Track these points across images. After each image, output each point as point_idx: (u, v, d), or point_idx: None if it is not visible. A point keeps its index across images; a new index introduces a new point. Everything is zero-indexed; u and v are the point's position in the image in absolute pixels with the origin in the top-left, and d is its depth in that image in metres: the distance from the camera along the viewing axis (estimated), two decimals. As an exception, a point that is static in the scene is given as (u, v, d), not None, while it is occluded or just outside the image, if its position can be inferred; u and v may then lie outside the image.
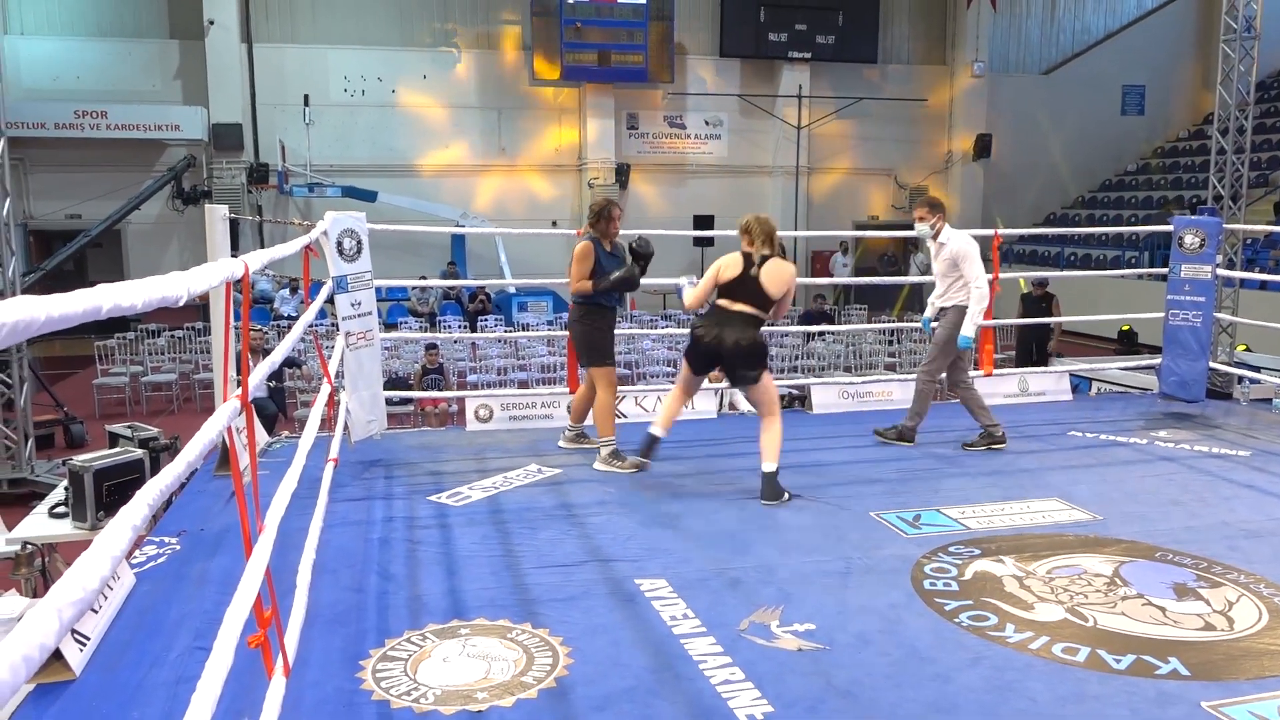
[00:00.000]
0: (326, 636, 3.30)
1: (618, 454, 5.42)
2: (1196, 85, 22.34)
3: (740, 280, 4.88)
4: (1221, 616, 3.55)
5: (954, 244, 5.84)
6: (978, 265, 5.76)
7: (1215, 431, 6.40)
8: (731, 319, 4.84)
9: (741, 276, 4.88)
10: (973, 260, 5.75)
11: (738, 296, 4.87)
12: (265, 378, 3.17)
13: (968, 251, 5.77)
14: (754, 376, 4.90)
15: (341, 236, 5.48)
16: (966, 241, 5.85)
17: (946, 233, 5.92)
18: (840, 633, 3.38)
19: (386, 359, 10.74)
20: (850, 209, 20.87)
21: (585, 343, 5.62)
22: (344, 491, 4.91)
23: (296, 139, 18.41)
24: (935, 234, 5.92)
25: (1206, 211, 7.87)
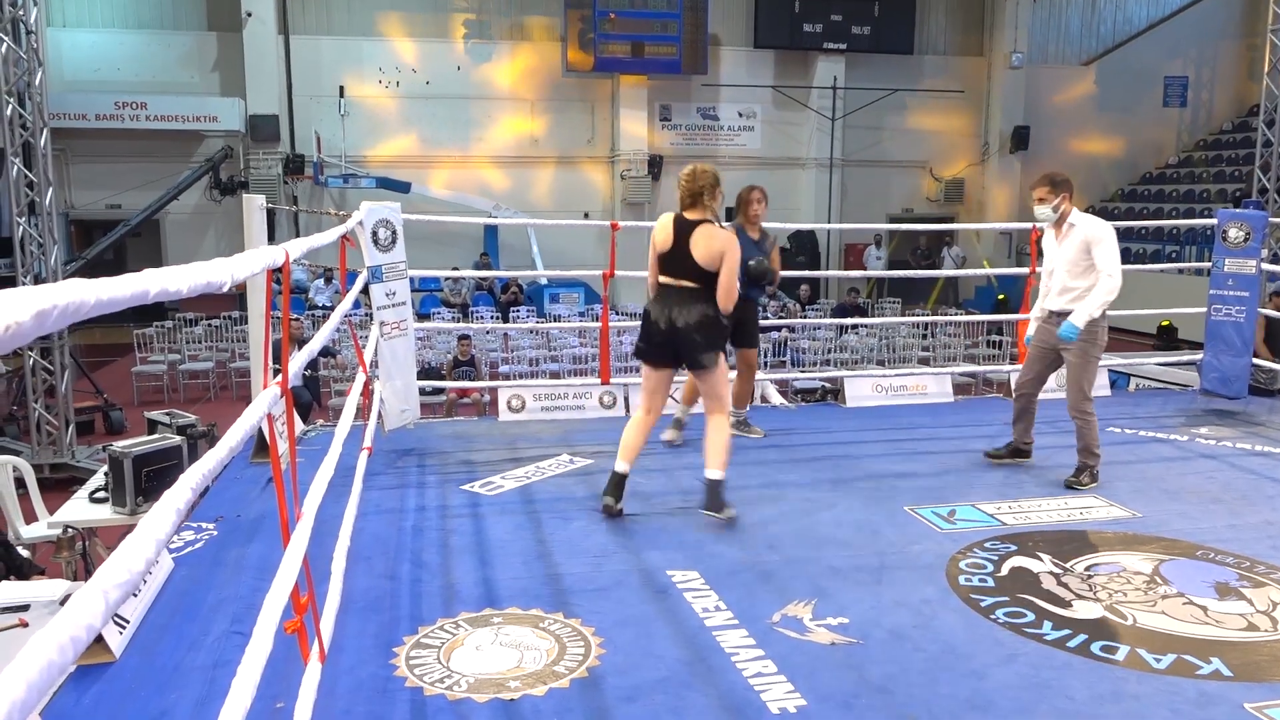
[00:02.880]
0: (361, 623, 3.33)
1: (744, 423, 5.86)
2: (1242, 76, 21.89)
3: (673, 251, 4.34)
4: (1265, 617, 3.48)
5: (1087, 226, 4.94)
6: (1114, 253, 4.89)
7: (1258, 429, 6.27)
8: (677, 296, 4.34)
9: (674, 247, 4.34)
10: (1108, 247, 4.88)
11: (672, 271, 4.35)
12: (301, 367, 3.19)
13: (1105, 235, 4.89)
14: (706, 361, 4.36)
15: (377, 226, 5.51)
16: (1103, 224, 4.97)
17: (1076, 215, 5.02)
18: (874, 627, 3.35)
19: (419, 349, 10.80)
20: (884, 201, 20.68)
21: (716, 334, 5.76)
22: (378, 480, 4.94)
23: (332, 130, 18.54)
24: (1061, 218, 5.01)
25: (1252, 205, 7.72)
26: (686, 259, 4.30)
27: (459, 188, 18.85)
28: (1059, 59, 21.62)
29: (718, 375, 4.40)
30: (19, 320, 0.91)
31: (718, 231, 4.34)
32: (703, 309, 4.31)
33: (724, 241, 4.29)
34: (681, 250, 4.31)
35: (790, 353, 11.52)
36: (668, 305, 4.36)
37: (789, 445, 5.87)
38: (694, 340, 4.32)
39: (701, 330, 4.31)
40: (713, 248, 4.27)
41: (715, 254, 4.27)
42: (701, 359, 4.35)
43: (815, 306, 15.89)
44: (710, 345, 4.36)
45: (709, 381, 4.42)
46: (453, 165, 19.24)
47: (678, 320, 4.32)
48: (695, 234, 4.29)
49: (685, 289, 4.33)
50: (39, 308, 0.95)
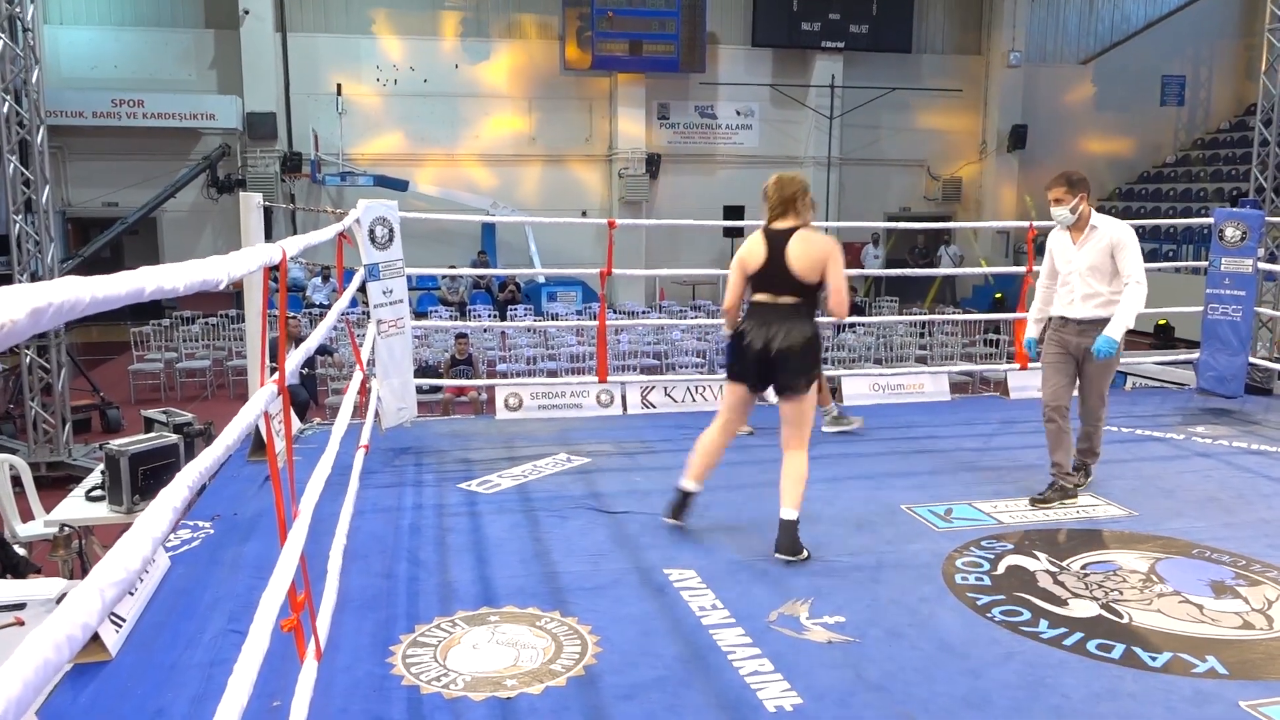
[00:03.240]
0: (357, 621, 3.33)
1: (842, 416, 6.04)
2: (1239, 75, 21.91)
3: (768, 266, 4.00)
4: (1261, 615, 3.49)
5: (1110, 229, 4.65)
6: (1138, 257, 4.60)
7: (1254, 428, 6.29)
8: (776, 315, 4.00)
9: (769, 261, 4.00)
10: (1132, 251, 4.59)
11: (769, 288, 4.03)
12: (299, 365, 3.19)
13: (1129, 239, 4.61)
14: (803, 385, 4.01)
15: (374, 224, 5.51)
16: (1125, 228, 4.69)
17: (1097, 217, 4.74)
18: (871, 626, 3.35)
19: (416, 347, 10.80)
20: (882, 200, 20.68)
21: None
22: (375, 478, 4.94)
23: (329, 128, 18.53)
24: (1080, 219, 4.74)
25: (1248, 204, 7.73)
26: (784, 272, 3.96)
27: (456, 186, 18.84)
28: (1057, 58, 21.63)
29: (808, 403, 4.05)
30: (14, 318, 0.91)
31: (816, 236, 4.01)
32: (805, 329, 3.98)
33: (825, 246, 3.98)
34: (777, 264, 3.97)
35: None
36: (766, 325, 4.00)
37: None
38: (793, 364, 3.97)
39: (803, 354, 3.98)
40: (813, 255, 3.95)
41: (817, 261, 3.94)
42: (799, 384, 4.00)
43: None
44: (809, 369, 4.02)
45: (799, 408, 4.03)
46: (450, 163, 19.23)
47: (777, 342, 3.96)
48: (792, 243, 3.96)
49: (785, 306, 3.99)
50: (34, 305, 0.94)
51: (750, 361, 4.06)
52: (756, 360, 4.03)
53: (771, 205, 4.08)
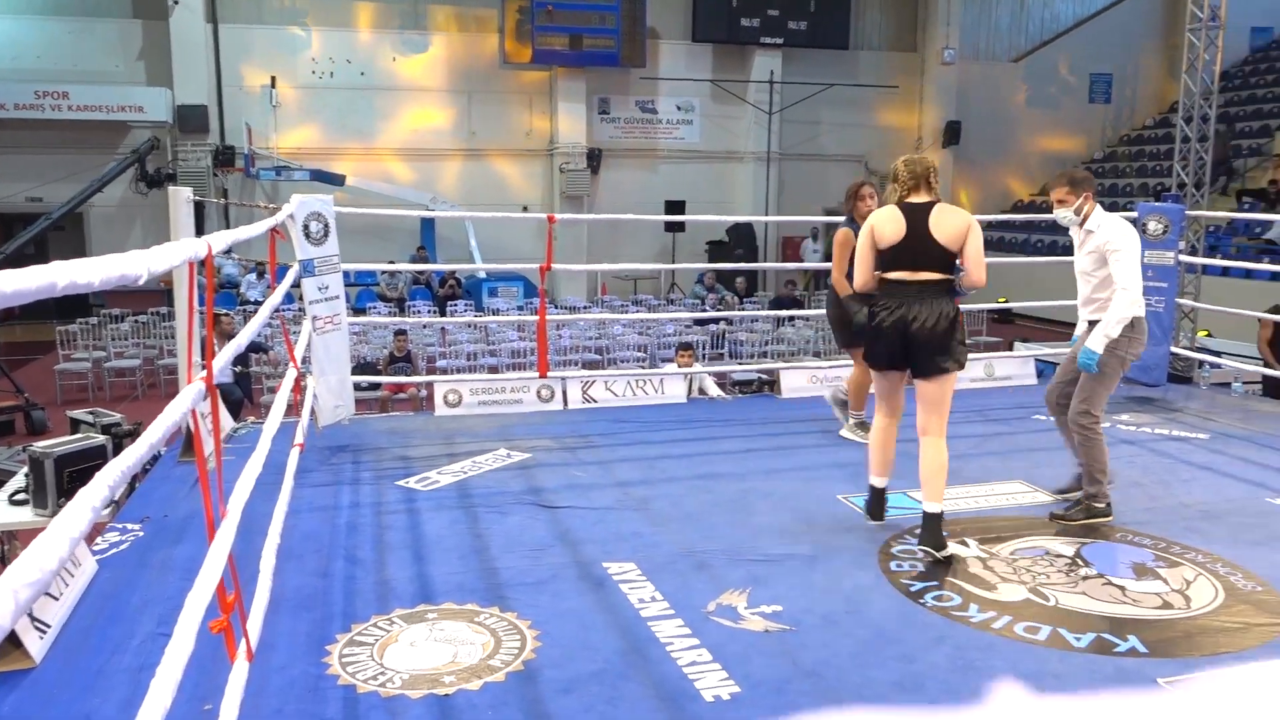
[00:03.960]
0: (292, 621, 3.29)
1: (864, 425, 5.62)
2: (1162, 74, 22.56)
3: (908, 241, 3.88)
4: (1179, 595, 3.62)
5: (1105, 232, 4.43)
6: (1131, 263, 4.35)
7: (1176, 415, 6.50)
8: (918, 292, 3.88)
9: (909, 235, 3.87)
10: (1126, 257, 4.35)
11: (907, 263, 3.90)
12: (231, 362, 3.14)
13: (1122, 244, 4.37)
14: (955, 364, 3.89)
15: (308, 219, 5.43)
16: (1122, 230, 4.44)
17: (1097, 217, 4.53)
18: (807, 614, 3.40)
19: (354, 344, 10.65)
20: (821, 195, 20.89)
21: (832, 324, 5.80)
22: (311, 477, 4.87)
23: (263, 122, 18.16)
24: (1083, 220, 4.55)
25: (1170, 199, 7.98)
26: (928, 244, 3.85)
27: (395, 180, 18.61)
28: (990, 56, 22.07)
29: (948, 385, 3.93)
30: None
31: (955, 209, 3.95)
32: (946, 307, 3.87)
33: (967, 216, 3.92)
34: (919, 236, 3.86)
35: (728, 345, 11.61)
36: (904, 305, 3.89)
37: (726, 436, 5.93)
38: (936, 344, 3.85)
39: (947, 333, 3.86)
40: (958, 224, 3.86)
41: (960, 230, 3.85)
42: (944, 364, 3.87)
43: (753, 299, 16.02)
44: (953, 348, 3.88)
45: (941, 390, 3.93)
46: (389, 158, 18.98)
47: (918, 321, 3.85)
48: (934, 214, 3.87)
49: (926, 283, 3.87)
50: (-65, 301, 0.92)
51: (887, 343, 3.96)
52: (895, 341, 3.92)
53: (903, 182, 3.98)
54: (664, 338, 11.96)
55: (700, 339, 11.50)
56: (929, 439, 3.99)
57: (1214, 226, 14.80)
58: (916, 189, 3.96)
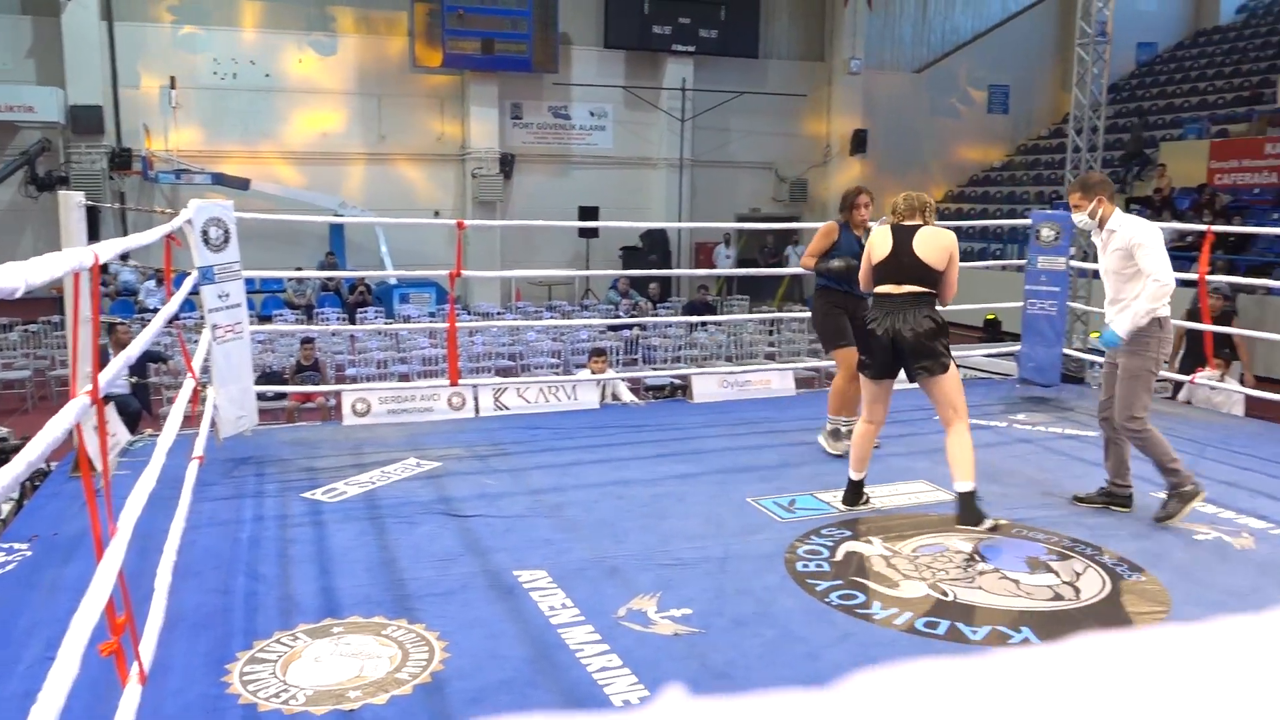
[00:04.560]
0: (190, 641, 3.19)
1: (835, 434, 5.59)
2: (1056, 86, 23.48)
3: (894, 257, 4.28)
4: (1069, 587, 3.77)
5: (1127, 230, 4.44)
6: (1158, 255, 4.36)
7: (1068, 414, 6.77)
8: (901, 304, 4.25)
9: (894, 252, 4.28)
10: (1151, 248, 4.37)
11: (898, 277, 4.28)
12: (126, 373, 3.03)
13: (1145, 238, 4.39)
14: (940, 366, 4.22)
15: (207, 225, 5.28)
16: (1144, 226, 4.48)
17: (1116, 218, 4.53)
18: (716, 616, 3.45)
19: (260, 353, 10.38)
20: (732, 201, 21.17)
21: (816, 328, 5.82)
22: (211, 490, 4.73)
23: (162, 123, 17.56)
24: (1101, 222, 4.55)
25: (1062, 206, 8.31)
26: (910, 260, 4.25)
27: (302, 185, 18.18)
28: (894, 66, 22.65)
29: (949, 382, 4.26)
30: None
31: (941, 230, 4.32)
32: (929, 316, 4.23)
33: (949, 238, 4.28)
34: (903, 252, 4.27)
35: (641, 350, 11.66)
36: (890, 316, 4.26)
37: (638, 442, 5.96)
38: (923, 350, 4.22)
39: (932, 339, 4.22)
40: (940, 244, 4.25)
41: (942, 250, 4.24)
42: (933, 366, 4.23)
43: (666, 304, 16.13)
44: (937, 353, 4.23)
45: (941, 389, 4.26)
46: (295, 161, 18.54)
47: (904, 331, 4.22)
48: (919, 234, 4.28)
49: (908, 295, 4.25)
50: None
51: (878, 351, 4.34)
52: (884, 349, 4.31)
53: (900, 212, 4.38)
54: (578, 344, 11.95)
55: (614, 345, 11.53)
56: (951, 429, 4.30)
57: (1105, 233, 15.44)
58: (911, 216, 4.38)
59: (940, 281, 4.29)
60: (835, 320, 5.57)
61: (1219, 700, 0.45)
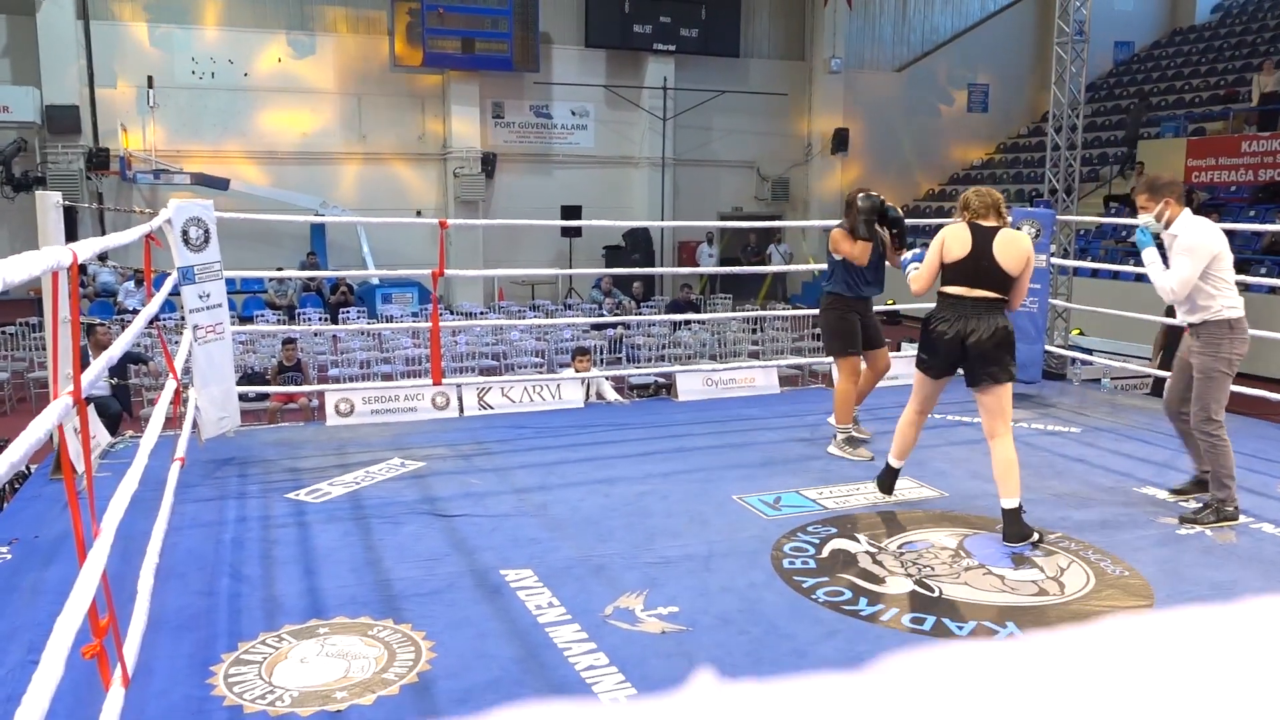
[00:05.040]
0: (174, 643, 3.16)
1: (852, 440, 5.53)
2: (1035, 85, 23.62)
3: (971, 259, 4.13)
4: (1054, 582, 3.80)
5: (1183, 236, 4.37)
6: (1190, 266, 4.31)
7: (1050, 410, 6.82)
8: (973, 308, 4.13)
9: (973, 254, 4.13)
10: (1191, 256, 4.32)
11: (973, 280, 4.15)
12: (106, 374, 3.01)
13: (1191, 246, 4.32)
14: (1005, 374, 4.14)
15: (187, 225, 5.23)
16: (1199, 235, 4.36)
17: (1180, 222, 4.41)
18: (702, 614, 3.45)
19: (242, 354, 10.31)
20: (714, 200, 21.19)
21: (827, 331, 5.74)
22: (194, 492, 4.70)
23: (140, 123, 17.41)
24: (1168, 224, 4.45)
25: (1041, 204, 8.37)
26: (989, 265, 4.11)
27: (283, 184, 18.05)
28: (874, 65, 22.74)
29: (1005, 393, 4.18)
30: None
31: (1020, 235, 4.23)
32: (1002, 323, 4.14)
33: (1028, 246, 4.20)
34: (983, 256, 4.12)
35: (625, 349, 11.66)
36: (961, 318, 4.14)
37: (623, 440, 5.96)
38: (991, 357, 4.11)
39: (1002, 347, 4.12)
40: (1019, 252, 4.14)
41: (1022, 256, 4.13)
42: (999, 374, 4.14)
43: (650, 303, 16.13)
44: (1004, 361, 4.14)
45: (998, 398, 4.16)
46: (276, 161, 18.41)
47: (974, 335, 4.10)
48: (999, 238, 4.14)
49: (983, 300, 4.13)
50: None
51: (943, 352, 4.22)
52: (950, 351, 4.19)
53: (974, 210, 4.24)
54: (561, 343, 11.93)
55: (598, 343, 11.52)
56: (996, 441, 4.20)
57: (1084, 230, 15.58)
58: (987, 215, 4.23)
59: (1013, 288, 4.18)
60: (849, 326, 5.59)
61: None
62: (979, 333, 4.10)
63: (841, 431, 5.62)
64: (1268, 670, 0.47)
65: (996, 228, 4.19)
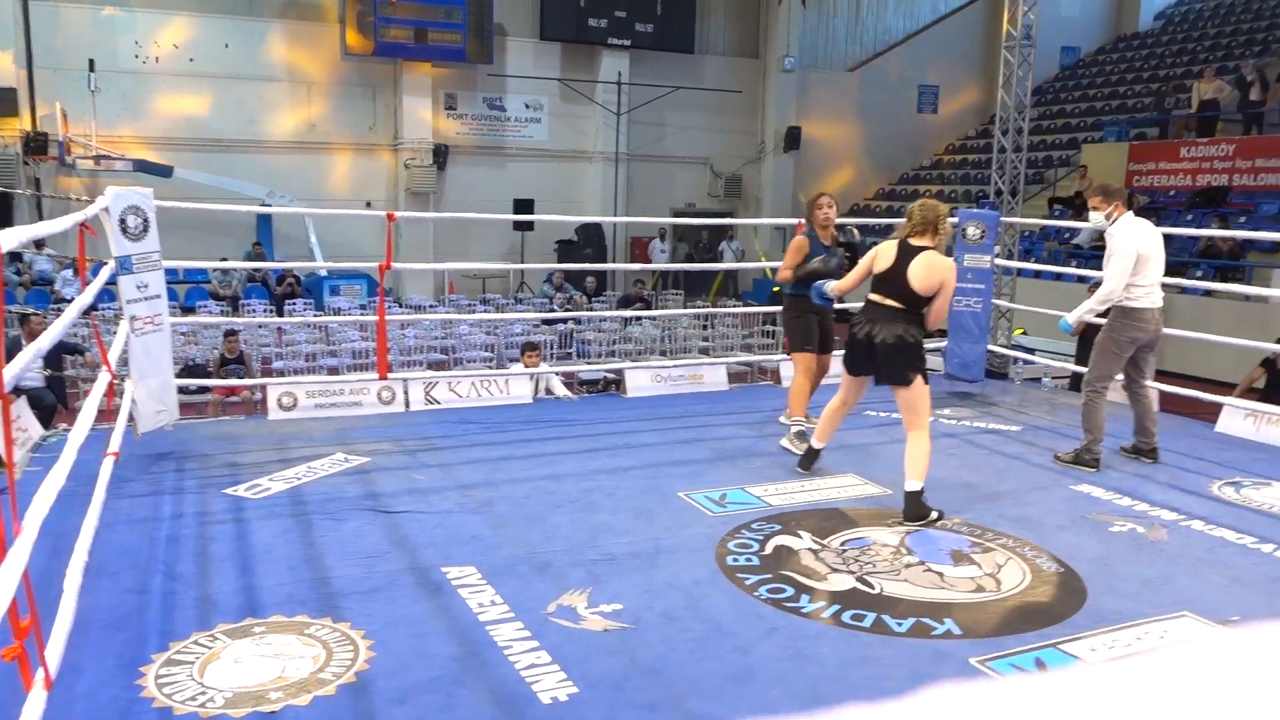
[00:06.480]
0: (103, 643, 3.09)
1: (803, 435, 5.52)
2: (983, 88, 23.99)
3: (891, 272, 4.54)
4: (991, 579, 3.86)
5: (1117, 236, 5.19)
6: (1120, 266, 5.11)
7: (992, 409, 6.93)
8: (882, 314, 4.54)
9: (893, 269, 4.53)
10: (1118, 255, 5.12)
11: (884, 290, 4.57)
12: (40, 365, 2.91)
13: (1118, 248, 5.13)
14: (903, 379, 4.50)
15: (125, 214, 5.11)
16: (1129, 237, 5.16)
17: (1121, 223, 5.21)
18: (646, 611, 3.45)
19: (183, 345, 10.09)
20: (668, 196, 21.22)
21: (785, 327, 5.99)
22: (128, 487, 4.59)
23: (80, 108, 16.96)
24: (1112, 223, 5.25)
25: (987, 205, 8.50)
26: (903, 281, 4.48)
27: (229, 173, 17.69)
28: (827, 65, 22.91)
29: (915, 393, 4.51)
30: None
31: (940, 259, 4.52)
32: (903, 329, 4.47)
33: (945, 270, 4.51)
34: (899, 272, 4.49)
35: (575, 344, 11.63)
36: (871, 321, 4.55)
37: (570, 436, 5.94)
38: (890, 358, 4.50)
39: (897, 351, 4.47)
40: (934, 275, 4.45)
41: (935, 280, 4.46)
42: (897, 376, 4.52)
43: (601, 299, 16.11)
44: (908, 365, 4.49)
45: (906, 397, 4.53)
46: (221, 149, 18.04)
47: (877, 337, 4.50)
48: (918, 259, 4.47)
49: (890, 308, 4.52)
50: None
51: (858, 350, 4.63)
52: (861, 349, 4.60)
53: (915, 224, 4.56)
54: (512, 338, 11.86)
55: (548, 338, 11.47)
56: (910, 433, 4.56)
57: (1028, 232, 15.85)
58: (923, 233, 4.56)
59: (925, 305, 4.53)
60: (806, 322, 5.73)
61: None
62: (882, 336, 4.49)
63: (794, 424, 5.67)
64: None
65: (922, 248, 4.51)
